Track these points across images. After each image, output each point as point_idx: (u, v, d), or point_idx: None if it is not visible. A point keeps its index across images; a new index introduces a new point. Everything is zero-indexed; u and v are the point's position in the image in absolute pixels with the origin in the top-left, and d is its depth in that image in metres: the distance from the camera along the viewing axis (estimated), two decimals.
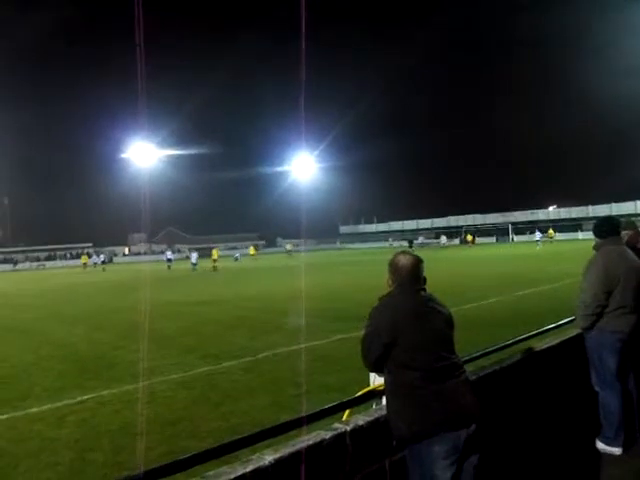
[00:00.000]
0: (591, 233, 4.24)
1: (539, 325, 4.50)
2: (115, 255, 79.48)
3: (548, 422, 3.80)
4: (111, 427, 5.20)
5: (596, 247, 3.97)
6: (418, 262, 2.55)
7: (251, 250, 54.66)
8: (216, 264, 36.24)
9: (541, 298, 12.48)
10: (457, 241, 71.83)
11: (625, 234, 4.29)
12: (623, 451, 3.70)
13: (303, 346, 8.24)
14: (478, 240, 69.44)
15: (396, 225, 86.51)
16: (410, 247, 44.12)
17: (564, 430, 3.90)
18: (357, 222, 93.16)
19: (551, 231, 56.19)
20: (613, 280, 3.71)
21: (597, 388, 3.87)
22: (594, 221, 4.24)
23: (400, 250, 2.81)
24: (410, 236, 66.70)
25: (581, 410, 4.01)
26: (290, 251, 59.77)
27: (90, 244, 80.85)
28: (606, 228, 3.97)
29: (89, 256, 55.44)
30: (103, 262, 49.42)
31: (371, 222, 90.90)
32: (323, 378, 6.31)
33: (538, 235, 51.01)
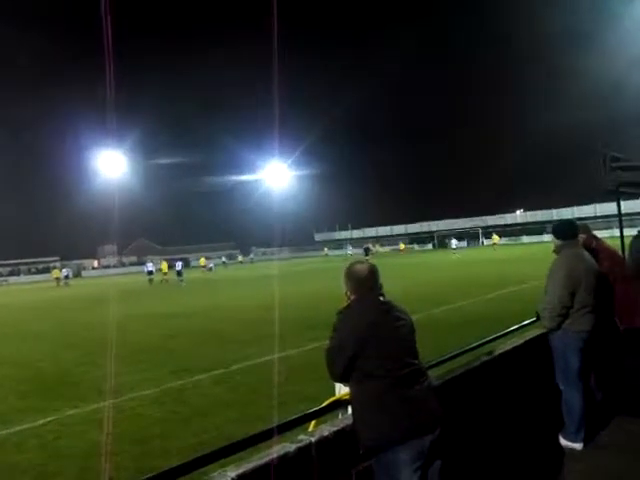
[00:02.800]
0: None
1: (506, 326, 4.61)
2: (84, 269, 77.51)
3: (513, 420, 3.89)
4: (76, 449, 5.04)
5: (557, 250, 4.07)
6: (374, 269, 2.57)
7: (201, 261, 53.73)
8: (166, 277, 35.66)
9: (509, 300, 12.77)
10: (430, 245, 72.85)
11: (580, 237, 4.46)
12: (584, 446, 3.81)
13: (277, 356, 8.21)
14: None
15: (370, 231, 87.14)
16: (366, 256, 42.25)
17: (528, 427, 3.99)
18: (332, 229, 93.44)
19: (495, 236, 55.43)
20: (576, 281, 3.82)
21: (561, 386, 3.98)
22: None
23: (355, 260, 2.83)
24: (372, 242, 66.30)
25: (545, 408, 4.11)
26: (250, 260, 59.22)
27: (57, 257, 78.65)
28: (566, 231, 4.10)
29: (59, 270, 53.67)
30: (66, 277, 47.57)
31: (346, 229, 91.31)
32: (297, 388, 6.27)
33: (454, 243, 50.21)
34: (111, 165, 59.74)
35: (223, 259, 64.79)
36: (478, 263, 30.83)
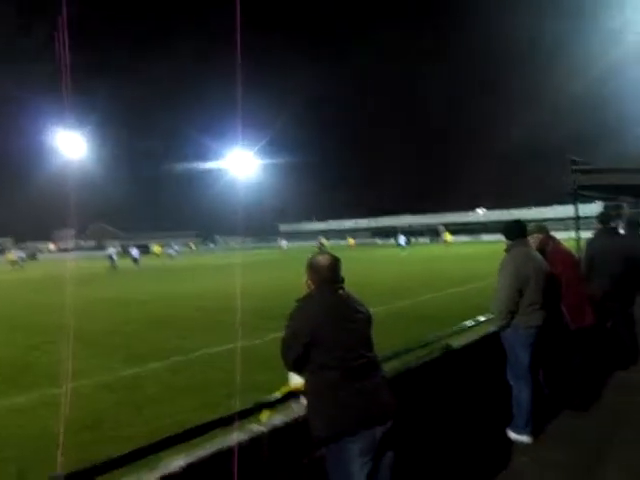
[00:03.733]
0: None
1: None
2: (40, 252, 74.81)
3: (465, 414, 3.99)
4: (23, 436, 4.88)
5: (507, 249, 4.20)
6: (336, 262, 2.57)
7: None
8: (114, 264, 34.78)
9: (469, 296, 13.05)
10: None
11: (537, 237, 4.58)
12: (532, 439, 3.94)
13: (236, 345, 8.13)
14: (412, 240, 71.61)
15: (335, 224, 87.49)
16: (319, 249, 42.12)
17: (479, 422, 4.10)
18: (297, 220, 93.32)
19: (447, 234, 54.38)
20: (524, 279, 3.94)
21: (511, 381, 4.10)
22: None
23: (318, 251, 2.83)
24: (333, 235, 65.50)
25: (496, 402, 4.22)
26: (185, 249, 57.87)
27: (9, 238, 75.57)
28: (514, 231, 4.22)
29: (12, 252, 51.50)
30: (21, 259, 45.50)
31: (310, 220, 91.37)
32: (256, 378, 6.23)
33: (402, 239, 46.89)
34: (71, 147, 57.58)
35: (191, 245, 63.72)
36: (428, 260, 31.18)
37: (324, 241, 54.45)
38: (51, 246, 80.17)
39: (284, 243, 61.18)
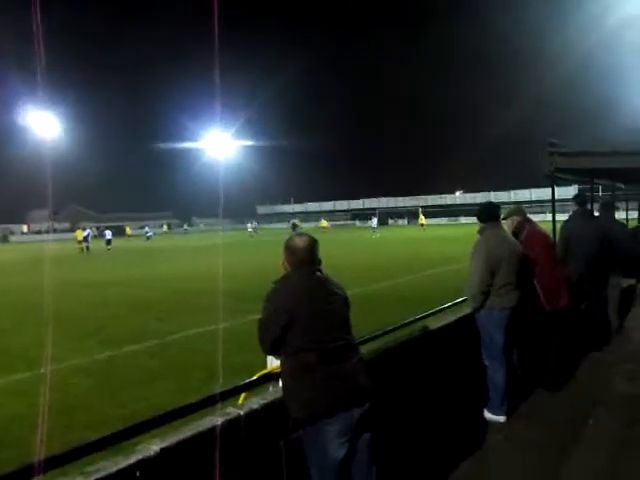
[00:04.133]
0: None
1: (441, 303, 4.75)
2: (12, 233, 72.99)
3: (442, 395, 4.04)
4: None
5: (480, 231, 4.22)
6: (313, 243, 2.54)
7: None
8: (82, 246, 34.25)
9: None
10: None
11: (514, 219, 4.61)
12: (507, 419, 4.02)
13: (215, 327, 8.08)
14: (391, 222, 72.16)
15: (313, 206, 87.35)
16: (293, 230, 41.75)
17: (456, 402, 4.16)
18: (274, 202, 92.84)
19: (422, 217, 52.82)
20: (496, 261, 3.97)
21: (486, 362, 4.15)
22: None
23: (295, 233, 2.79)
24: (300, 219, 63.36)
25: (472, 383, 4.29)
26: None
27: None
28: (488, 214, 4.24)
29: None
30: None
31: (288, 203, 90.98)
32: (235, 360, 6.20)
33: (374, 222, 46.77)
34: (44, 126, 55.90)
35: (164, 228, 62.73)
36: (403, 243, 31.48)
37: (299, 223, 54.03)
38: (24, 228, 78.20)
39: (249, 225, 57.52)
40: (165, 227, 72.87)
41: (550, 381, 4.61)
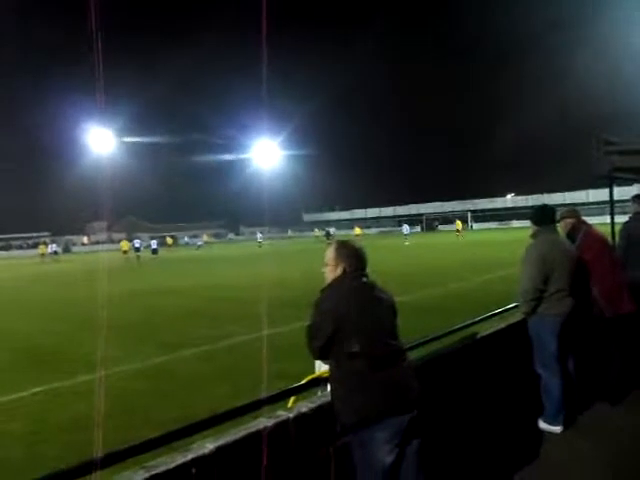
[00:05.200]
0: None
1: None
2: (74, 244, 77.06)
3: (493, 403, 3.94)
4: (63, 419, 5.09)
5: (533, 235, 4.09)
6: (361, 250, 2.57)
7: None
8: (127, 256, 36.15)
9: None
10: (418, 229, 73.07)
11: (568, 222, 4.45)
12: (563, 430, 3.86)
13: (264, 334, 8.22)
14: (440, 227, 71.02)
15: (359, 213, 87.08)
16: (327, 239, 41.27)
17: (508, 411, 4.04)
18: (320, 210, 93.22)
19: (459, 222, 50.01)
20: (549, 266, 3.83)
21: (539, 370, 4.01)
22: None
23: (340, 239, 2.82)
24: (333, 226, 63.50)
25: (525, 392, 4.16)
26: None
27: (47, 233, 78.02)
28: (542, 217, 4.10)
29: (38, 246, 53.55)
30: (55, 253, 47.23)
31: (334, 210, 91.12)
32: (280, 366, 6.29)
33: (406, 229, 46.30)
34: (101, 143, 59.09)
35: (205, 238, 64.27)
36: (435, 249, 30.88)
37: (332, 230, 53.92)
38: (84, 239, 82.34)
39: (259, 236, 55.45)
40: (205, 237, 74.38)
41: (611, 392, 4.38)
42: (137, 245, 37.28)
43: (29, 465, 4.15)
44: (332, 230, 53.29)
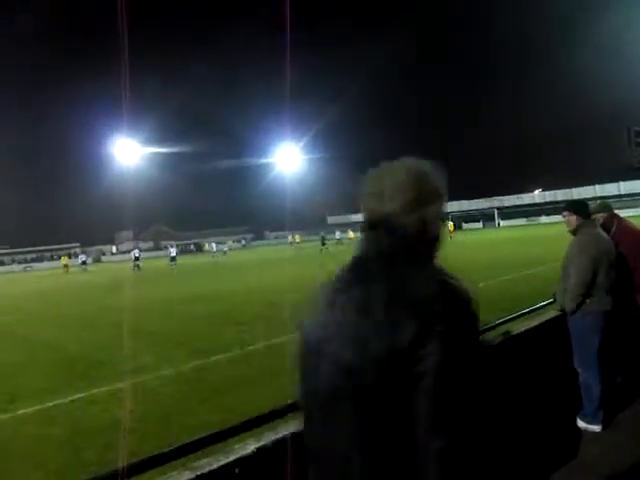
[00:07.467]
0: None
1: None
2: (103, 254, 78.80)
3: (530, 401, 3.88)
4: (102, 425, 5.20)
5: (574, 231, 4.00)
6: None
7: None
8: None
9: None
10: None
11: (601, 216, 4.37)
12: (603, 428, 3.79)
13: (293, 337, 8.24)
14: (465, 226, 69.97)
15: None
16: (322, 245, 41.03)
17: (546, 409, 3.98)
18: (345, 212, 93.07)
19: (451, 223, 48.49)
20: (597, 262, 3.77)
21: (579, 368, 3.94)
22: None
23: None
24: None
25: (562, 389, 4.09)
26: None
27: (77, 244, 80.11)
28: (585, 210, 4.03)
29: (69, 256, 54.97)
30: (84, 262, 47.78)
31: (358, 212, 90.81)
32: None
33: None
34: (127, 153, 60.47)
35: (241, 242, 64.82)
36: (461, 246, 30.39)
37: (351, 234, 53.66)
38: (114, 249, 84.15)
39: (272, 234, 57.08)
40: (230, 242, 74.88)
41: None
42: (173, 254, 37.99)
43: (70, 470, 4.27)
44: (339, 234, 53.11)
